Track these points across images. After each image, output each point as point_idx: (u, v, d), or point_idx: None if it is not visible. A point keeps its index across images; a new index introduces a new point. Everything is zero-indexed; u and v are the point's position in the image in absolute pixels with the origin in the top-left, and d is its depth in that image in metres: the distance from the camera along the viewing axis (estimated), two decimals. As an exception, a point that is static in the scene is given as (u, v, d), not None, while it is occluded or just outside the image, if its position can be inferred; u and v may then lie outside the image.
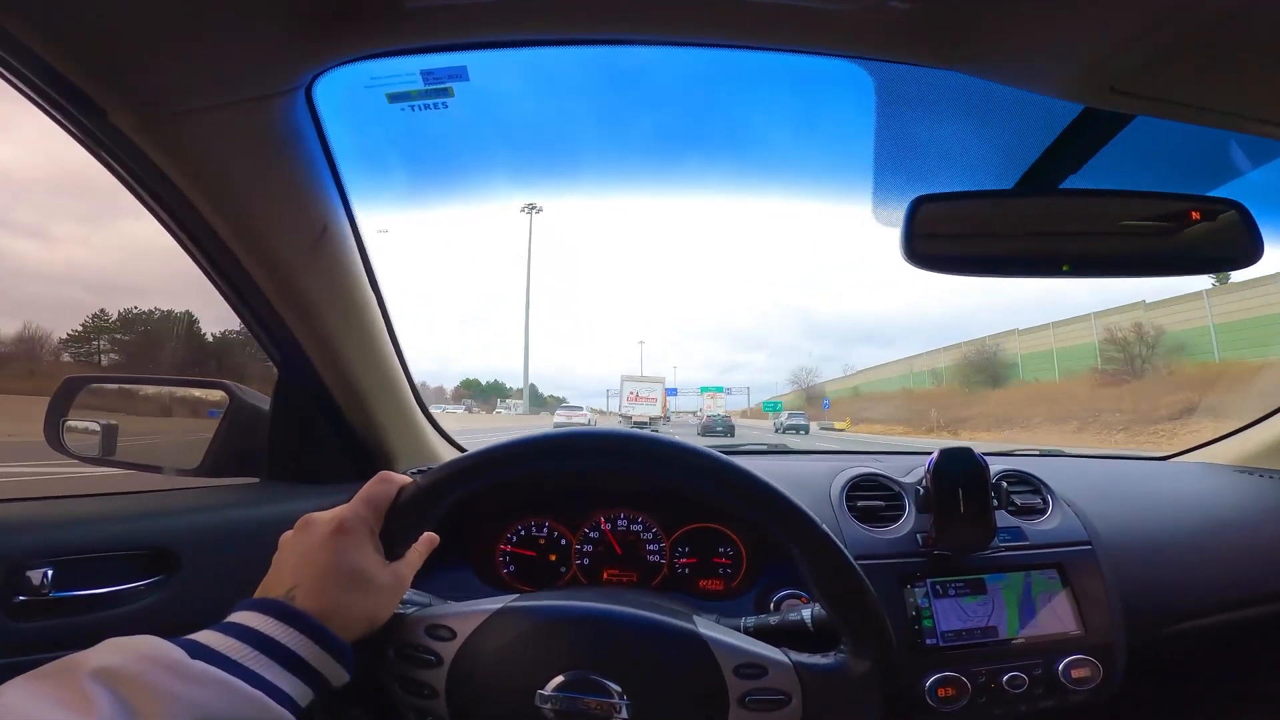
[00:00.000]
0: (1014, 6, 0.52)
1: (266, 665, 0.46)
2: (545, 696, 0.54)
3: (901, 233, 0.75)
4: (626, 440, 0.60)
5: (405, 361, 1.05)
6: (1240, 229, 0.73)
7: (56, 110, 0.58)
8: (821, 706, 0.55)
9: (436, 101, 0.69)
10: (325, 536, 0.54)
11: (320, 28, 0.54)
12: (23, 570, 0.70)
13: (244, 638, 0.46)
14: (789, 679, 0.56)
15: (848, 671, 0.57)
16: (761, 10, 0.57)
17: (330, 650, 0.49)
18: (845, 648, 0.58)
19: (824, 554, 0.58)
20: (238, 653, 0.45)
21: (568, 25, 0.59)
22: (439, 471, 0.59)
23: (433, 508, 0.60)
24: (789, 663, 0.56)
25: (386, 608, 0.56)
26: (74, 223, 67.21)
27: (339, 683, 0.51)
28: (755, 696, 0.55)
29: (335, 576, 0.52)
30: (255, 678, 0.44)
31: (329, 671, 0.49)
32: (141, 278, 56.80)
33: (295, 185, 0.72)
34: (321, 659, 0.49)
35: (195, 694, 0.40)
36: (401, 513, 0.59)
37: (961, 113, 0.83)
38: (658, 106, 0.86)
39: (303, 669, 0.47)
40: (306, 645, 0.48)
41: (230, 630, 0.46)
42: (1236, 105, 0.58)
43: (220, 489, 0.96)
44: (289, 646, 0.47)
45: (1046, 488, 1.03)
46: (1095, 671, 0.84)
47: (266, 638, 0.47)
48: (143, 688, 0.39)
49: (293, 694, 0.46)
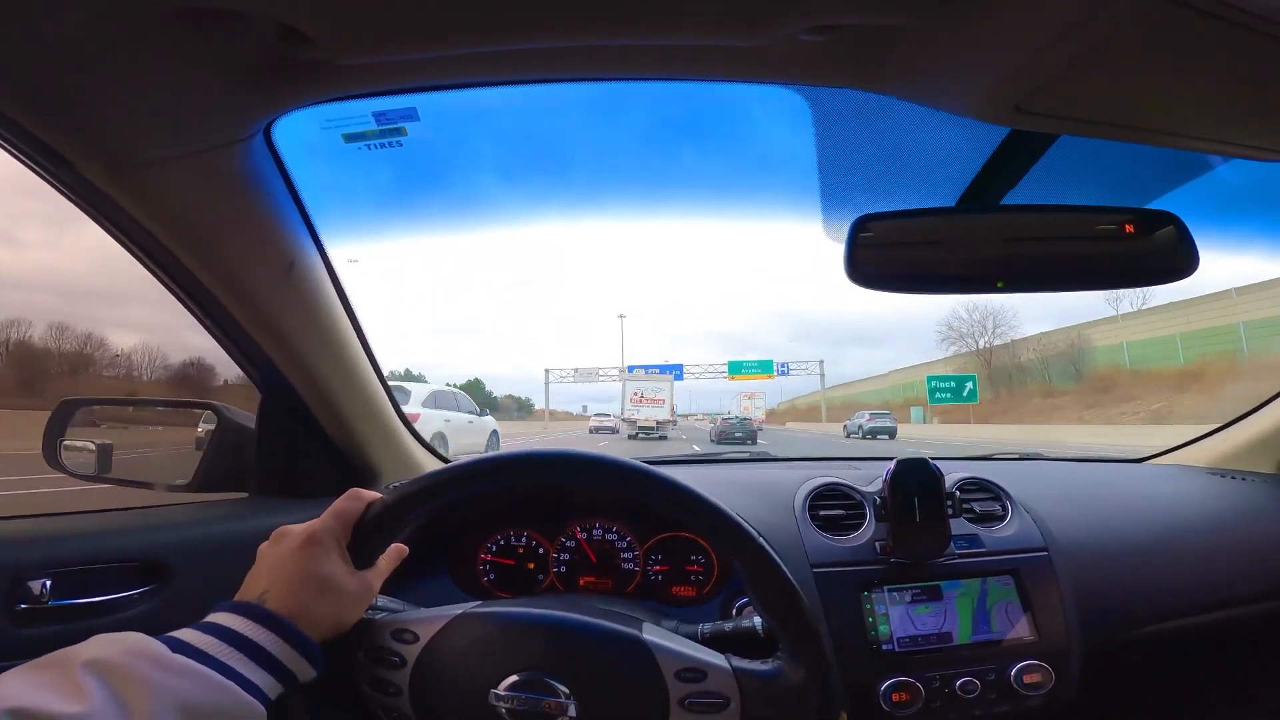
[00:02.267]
0: (916, 33, 0.54)
1: (238, 659, 0.51)
2: (499, 695, 0.57)
3: (844, 250, 0.76)
4: (574, 460, 0.64)
5: (384, 379, 1.10)
6: (1176, 241, 0.74)
7: (32, 163, 0.63)
8: (758, 710, 0.58)
9: (390, 140, 0.73)
10: (296, 547, 0.59)
11: (263, 82, 0.59)
12: (24, 581, 0.75)
13: (218, 635, 0.51)
14: (728, 683, 0.58)
15: (784, 678, 0.59)
16: (680, 50, 0.60)
17: (298, 647, 0.54)
18: (782, 655, 0.61)
19: (760, 566, 0.61)
20: (213, 648, 0.50)
21: (501, 71, 0.62)
22: (406, 487, 0.64)
23: (400, 521, 0.64)
24: (729, 668, 0.59)
25: (353, 612, 0.61)
26: (41, 226, 66.93)
27: (306, 677, 0.55)
28: (695, 700, 0.57)
29: (304, 582, 0.57)
30: (228, 670, 0.49)
31: (296, 667, 0.54)
32: (114, 282, 56.82)
33: (263, 224, 0.77)
34: (289, 655, 0.54)
35: (176, 683, 0.45)
36: (368, 526, 0.63)
37: (906, 130, 0.84)
38: (609, 131, 0.89)
39: (271, 664, 0.52)
40: (275, 642, 0.53)
41: (207, 629, 0.52)
42: (1145, 121, 0.60)
43: (210, 504, 1.01)
44: (259, 643, 0.52)
45: (1006, 495, 1.04)
46: (1048, 677, 0.85)
47: (238, 634, 0.52)
48: (129, 677, 0.44)
49: (262, 685, 0.51)
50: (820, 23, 0.55)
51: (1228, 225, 0.90)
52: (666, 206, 1.02)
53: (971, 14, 0.50)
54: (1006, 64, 0.53)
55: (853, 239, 0.76)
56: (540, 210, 1.08)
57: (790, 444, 15.81)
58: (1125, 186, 0.88)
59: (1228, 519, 1.10)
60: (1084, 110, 0.59)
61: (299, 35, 0.52)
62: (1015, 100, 0.57)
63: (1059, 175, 0.80)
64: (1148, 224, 0.74)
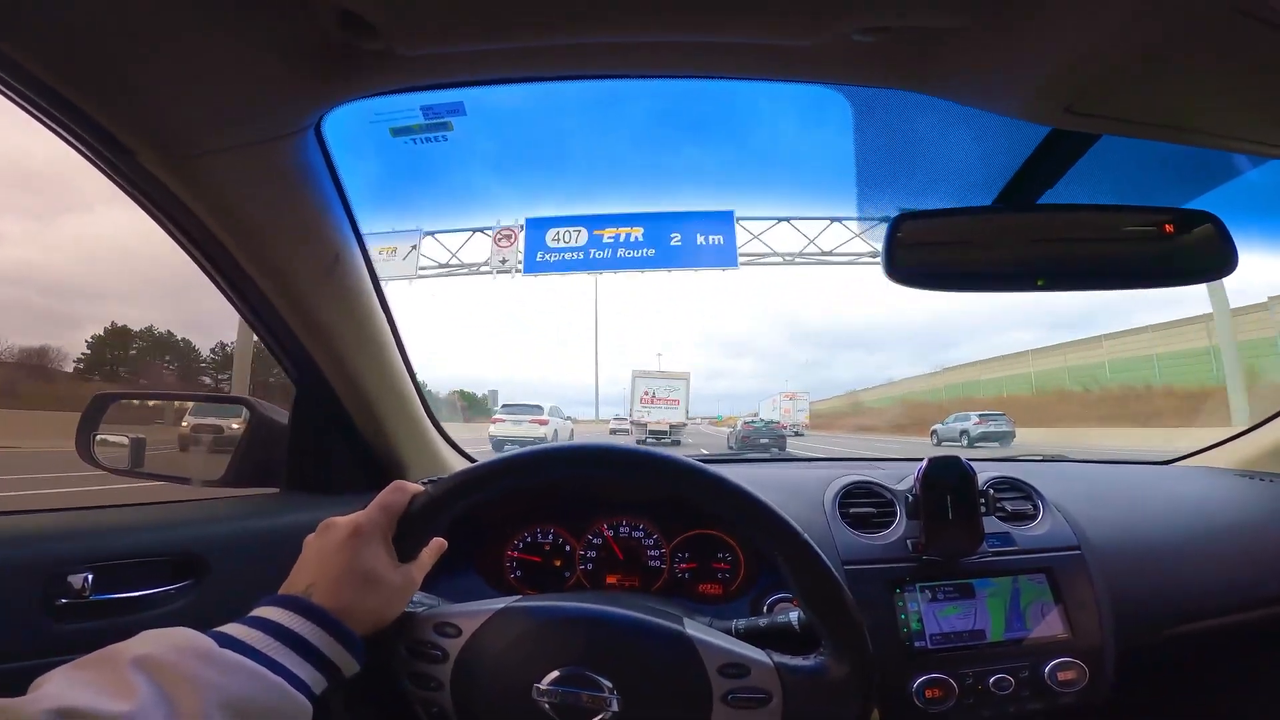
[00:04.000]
0: (968, 33, 0.55)
1: (286, 654, 0.51)
2: (541, 690, 0.58)
3: (883, 248, 0.77)
4: (620, 453, 0.65)
5: (416, 378, 1.10)
6: (1215, 240, 0.74)
7: (91, 152, 0.64)
8: (801, 706, 0.58)
9: (436, 135, 0.74)
10: (343, 539, 0.59)
11: (322, 72, 0.59)
12: (64, 576, 0.76)
13: (266, 629, 0.51)
14: (770, 679, 0.58)
15: (827, 673, 0.59)
16: (735, 48, 0.61)
17: (343, 642, 0.54)
18: (825, 650, 0.61)
19: (804, 560, 0.61)
20: (260, 643, 0.50)
21: (555, 65, 0.63)
22: (449, 481, 0.64)
23: (442, 514, 0.65)
24: (771, 663, 0.59)
25: (396, 606, 0.61)
26: (23, 219, 65.79)
27: (350, 672, 0.55)
28: (737, 695, 0.58)
29: (350, 576, 0.57)
30: (276, 665, 0.49)
31: (341, 661, 0.54)
32: (99, 280, 56.14)
33: (310, 217, 0.78)
34: (335, 649, 0.54)
35: (223, 680, 0.45)
36: (413, 519, 0.64)
37: (943, 131, 0.85)
38: (647, 125, 0.90)
39: (317, 658, 0.52)
40: (321, 637, 0.53)
41: (254, 623, 0.52)
42: (1193, 122, 0.60)
43: (243, 499, 1.01)
44: (306, 637, 0.52)
45: (1037, 494, 1.04)
46: (1082, 674, 0.85)
47: (286, 629, 0.52)
48: (177, 674, 0.43)
49: (308, 680, 0.51)
50: (875, 24, 0.55)
51: (1267, 226, 0.90)
52: (701, 203, 1.02)
53: (1025, 14, 0.51)
54: (1059, 64, 0.54)
55: (891, 237, 0.77)
56: (564, 205, 1.09)
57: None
58: (1161, 187, 0.89)
59: (1257, 520, 1.10)
60: (1133, 111, 0.60)
61: (362, 23, 0.52)
62: (1066, 101, 0.58)
63: (1094, 175, 0.80)
64: (1187, 223, 0.75)
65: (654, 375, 23.15)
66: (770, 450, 12.67)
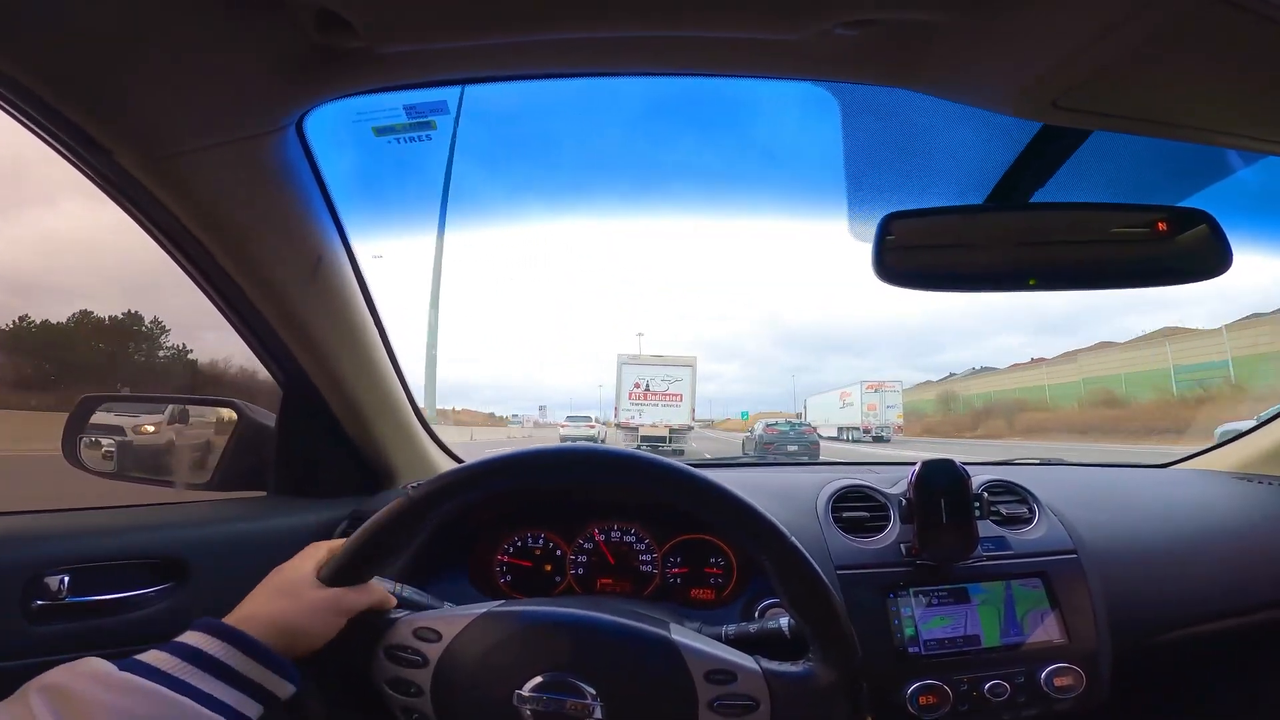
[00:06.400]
0: (951, 27, 0.54)
1: (202, 678, 0.51)
2: (523, 696, 0.56)
3: (872, 249, 0.76)
4: (605, 457, 0.63)
5: (404, 379, 1.09)
6: (1209, 239, 0.73)
7: (70, 151, 0.63)
8: (789, 713, 0.57)
9: (420, 134, 0.73)
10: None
11: (300, 71, 0.59)
12: (41, 577, 0.75)
13: (180, 654, 0.52)
14: (758, 685, 0.57)
15: (815, 680, 0.58)
16: (720, 43, 0.60)
17: (266, 664, 0.54)
18: (813, 657, 0.60)
19: (791, 564, 0.60)
20: (171, 666, 0.50)
21: (535, 62, 0.62)
22: (396, 507, 0.62)
23: (386, 549, 0.63)
24: (758, 670, 0.58)
25: (315, 623, 0.58)
26: None
27: (284, 694, 0.55)
28: (724, 701, 0.56)
29: (265, 586, 0.59)
30: (188, 688, 0.49)
31: (269, 683, 0.54)
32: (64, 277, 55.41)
33: (292, 216, 0.77)
34: (259, 671, 0.53)
35: (123, 702, 0.46)
36: (353, 546, 0.62)
37: (933, 129, 0.84)
38: (632, 127, 0.89)
39: (240, 681, 0.52)
40: (240, 659, 0.53)
41: (171, 648, 0.52)
42: (1183, 117, 0.59)
43: (229, 502, 1.00)
44: (222, 660, 0.52)
45: (1033, 497, 1.03)
46: (1079, 680, 0.84)
47: (202, 653, 0.52)
48: (78, 699, 0.45)
49: (234, 704, 0.51)
50: (857, 17, 0.54)
51: (1261, 225, 0.89)
52: (676, 207, 1.01)
53: (1012, 7, 0.50)
54: (1047, 59, 0.53)
55: (881, 238, 0.76)
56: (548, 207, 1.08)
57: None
58: (1154, 185, 0.88)
59: (1255, 523, 1.09)
60: (1123, 107, 0.59)
61: (340, 22, 0.52)
62: (1053, 96, 0.57)
63: (1087, 174, 0.80)
64: (1180, 222, 0.74)
65: (648, 361, 17.28)
66: (802, 459, 10.03)
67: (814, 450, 12.63)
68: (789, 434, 13.90)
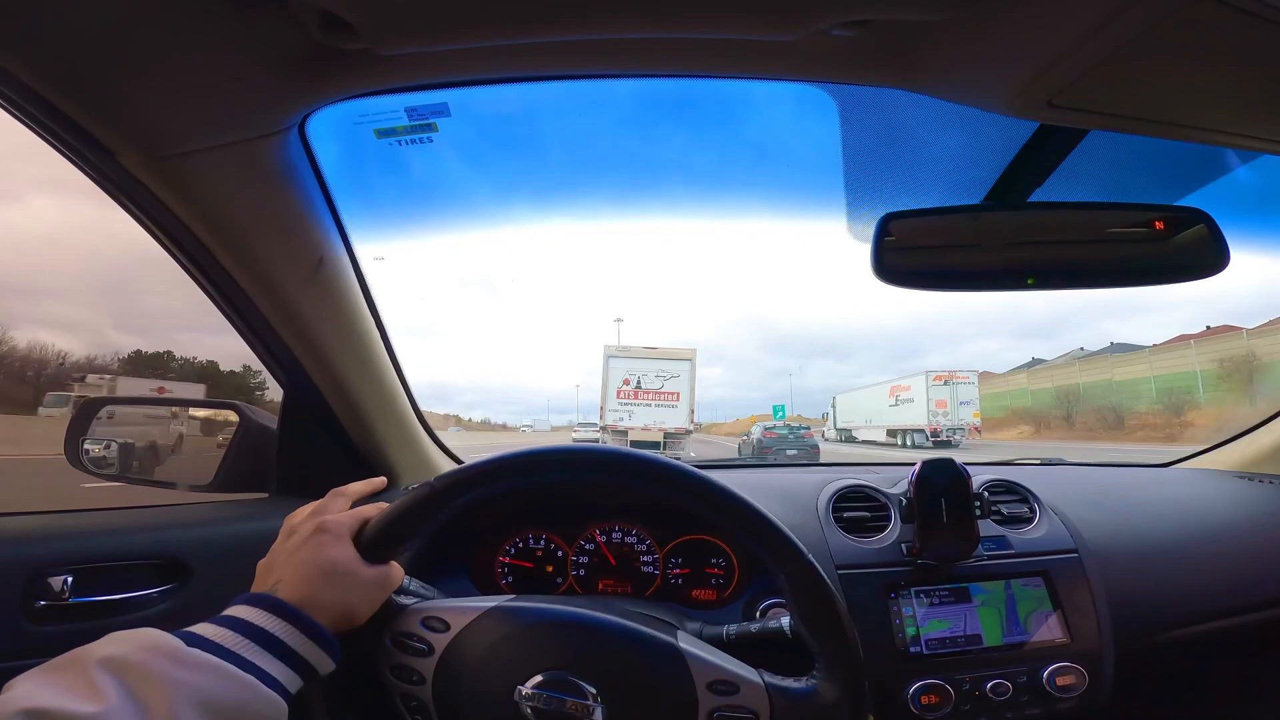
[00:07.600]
0: (945, 27, 0.54)
1: (257, 652, 0.50)
2: (525, 693, 0.56)
3: (872, 249, 0.76)
4: (621, 457, 0.62)
5: (405, 380, 1.10)
6: (1207, 238, 0.73)
7: (72, 152, 0.64)
8: None
9: (421, 136, 0.73)
10: (306, 536, 0.59)
11: (302, 73, 0.59)
12: (44, 577, 0.75)
13: (236, 628, 0.51)
14: (760, 699, 0.57)
15: (818, 698, 0.58)
16: (718, 45, 0.60)
17: (316, 639, 0.53)
18: (818, 674, 0.59)
19: (807, 583, 0.59)
20: (230, 641, 0.49)
21: (535, 64, 0.63)
22: (418, 492, 0.62)
23: (410, 527, 0.62)
24: (761, 683, 0.58)
25: (366, 602, 0.60)
26: None
27: (325, 670, 0.55)
28: (725, 713, 0.56)
29: (314, 569, 0.57)
30: (247, 664, 0.48)
31: (314, 658, 0.53)
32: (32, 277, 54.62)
33: (294, 218, 0.77)
34: (307, 647, 0.53)
35: (193, 678, 0.44)
36: (383, 524, 0.62)
37: (930, 129, 0.85)
38: (631, 129, 0.89)
39: (290, 656, 0.52)
40: (292, 634, 0.52)
41: (224, 622, 0.51)
42: (1178, 116, 0.60)
43: (231, 503, 1.00)
44: (276, 635, 0.52)
45: (1034, 496, 1.03)
46: (1081, 679, 0.84)
47: (257, 627, 0.51)
48: (147, 674, 0.43)
49: (282, 679, 0.50)
50: (851, 18, 0.55)
51: (1258, 223, 0.89)
52: (669, 210, 1.01)
53: (1006, 6, 0.51)
54: (1041, 58, 0.53)
55: (879, 238, 0.76)
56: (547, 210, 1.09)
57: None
58: (1152, 184, 0.88)
59: (1257, 522, 1.09)
60: (1118, 105, 0.59)
61: (342, 24, 0.53)
62: (1049, 95, 0.57)
63: (1084, 173, 0.80)
64: (1178, 221, 0.74)
65: (639, 354, 14.85)
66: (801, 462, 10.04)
67: (814, 454, 12.49)
68: (788, 437, 13.50)
